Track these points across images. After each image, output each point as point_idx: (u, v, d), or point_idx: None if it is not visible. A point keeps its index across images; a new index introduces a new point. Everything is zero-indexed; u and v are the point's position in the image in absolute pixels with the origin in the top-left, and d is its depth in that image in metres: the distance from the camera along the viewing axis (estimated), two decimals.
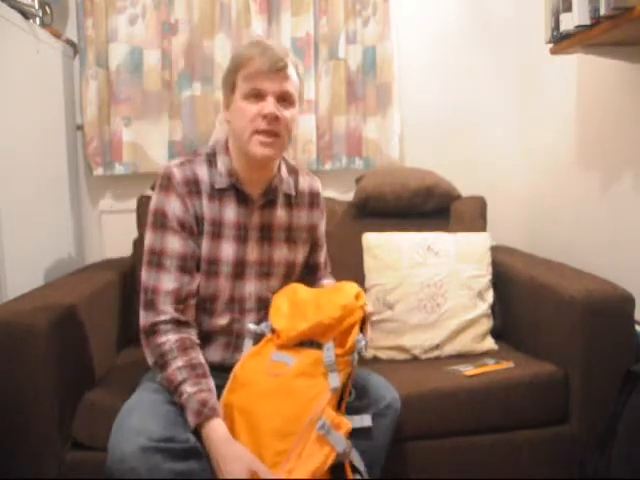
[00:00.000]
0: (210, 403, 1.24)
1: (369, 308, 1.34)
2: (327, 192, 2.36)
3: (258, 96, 1.33)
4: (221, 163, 1.40)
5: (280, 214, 1.46)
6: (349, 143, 2.37)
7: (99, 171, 2.27)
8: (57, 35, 2.11)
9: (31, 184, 1.86)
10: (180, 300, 1.34)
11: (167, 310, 1.32)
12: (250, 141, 1.34)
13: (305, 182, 1.53)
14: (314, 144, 2.30)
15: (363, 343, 1.27)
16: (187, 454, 1.18)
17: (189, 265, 1.36)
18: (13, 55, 1.76)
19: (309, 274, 1.58)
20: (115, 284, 1.92)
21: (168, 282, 1.33)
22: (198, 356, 1.32)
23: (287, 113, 1.35)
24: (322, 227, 1.59)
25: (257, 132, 1.33)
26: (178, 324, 1.33)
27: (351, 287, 1.34)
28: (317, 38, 2.31)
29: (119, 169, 2.27)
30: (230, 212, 1.40)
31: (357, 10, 2.32)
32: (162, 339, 1.30)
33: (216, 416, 1.23)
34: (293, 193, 1.49)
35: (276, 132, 1.33)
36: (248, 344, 1.37)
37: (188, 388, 1.25)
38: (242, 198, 1.41)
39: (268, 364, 1.28)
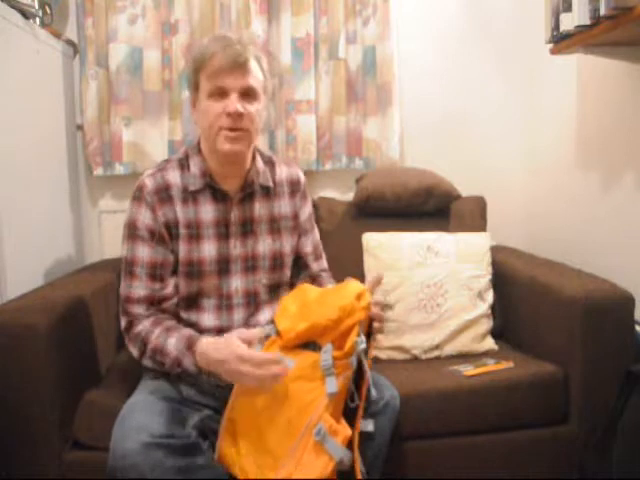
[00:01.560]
0: (193, 334, 1.31)
1: (376, 309, 1.31)
2: (327, 192, 2.38)
3: (221, 94, 1.34)
4: (194, 164, 1.43)
5: (259, 207, 1.47)
6: (349, 143, 2.37)
7: (99, 171, 2.27)
8: (57, 35, 2.10)
9: (31, 184, 1.86)
10: (152, 305, 1.38)
11: (140, 314, 1.37)
12: (217, 138, 1.36)
13: (283, 172, 1.54)
14: (314, 144, 2.30)
15: (363, 346, 1.24)
16: (188, 450, 1.19)
17: (159, 273, 1.39)
18: (13, 55, 1.76)
19: (295, 265, 1.57)
20: (115, 284, 1.90)
21: (139, 289, 1.37)
22: (172, 322, 1.37)
23: (251, 108, 1.36)
24: (305, 214, 1.57)
25: (223, 129, 1.35)
26: (151, 314, 1.38)
27: (354, 287, 1.31)
28: (317, 38, 2.31)
29: (119, 169, 2.27)
30: (207, 212, 1.42)
31: (357, 10, 2.32)
32: (138, 328, 1.36)
33: (200, 339, 1.28)
34: (271, 184, 1.50)
35: (241, 127, 1.35)
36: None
37: (171, 341, 1.30)
38: (219, 196, 1.43)
39: None
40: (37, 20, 1.94)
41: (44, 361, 1.41)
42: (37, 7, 1.92)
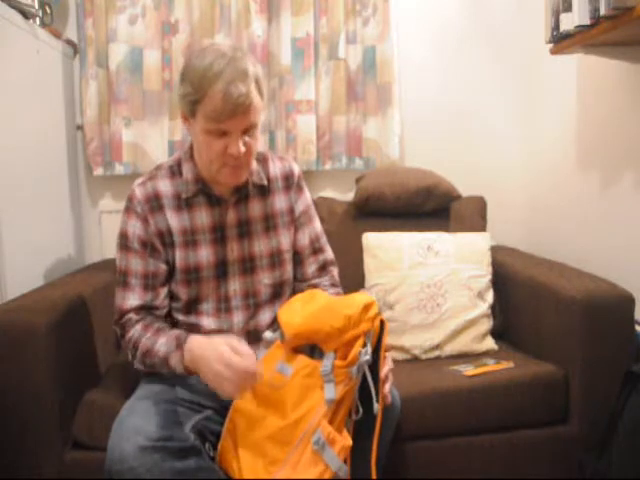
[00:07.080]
0: (182, 333, 1.32)
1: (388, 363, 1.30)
2: (327, 192, 2.38)
3: (222, 133, 1.30)
4: (187, 171, 1.41)
5: (255, 206, 1.46)
6: (349, 143, 2.37)
7: (99, 171, 2.27)
8: (57, 35, 2.10)
9: (31, 184, 1.86)
10: (143, 311, 1.39)
11: (131, 318, 1.38)
12: (220, 173, 1.35)
13: (276, 167, 1.51)
14: (314, 144, 2.30)
15: (367, 357, 1.23)
16: (186, 453, 1.19)
17: (151, 283, 1.40)
18: (13, 55, 1.76)
19: (293, 262, 1.53)
20: (115, 284, 1.91)
21: (132, 300, 1.39)
22: (162, 324, 1.38)
23: (252, 140, 1.33)
24: (300, 207, 1.53)
25: (226, 165, 1.33)
26: (142, 318, 1.39)
27: (362, 297, 1.29)
28: (317, 38, 2.31)
29: (119, 169, 2.27)
30: (202, 217, 1.41)
31: (357, 10, 2.32)
32: (130, 333, 1.37)
33: (190, 337, 1.30)
34: (265, 182, 1.47)
35: (244, 161, 1.34)
36: (263, 353, 1.35)
37: (161, 341, 1.31)
38: (214, 200, 1.42)
39: (271, 375, 1.27)
40: (37, 20, 1.94)
41: (44, 361, 1.41)
42: (37, 7, 1.92)
